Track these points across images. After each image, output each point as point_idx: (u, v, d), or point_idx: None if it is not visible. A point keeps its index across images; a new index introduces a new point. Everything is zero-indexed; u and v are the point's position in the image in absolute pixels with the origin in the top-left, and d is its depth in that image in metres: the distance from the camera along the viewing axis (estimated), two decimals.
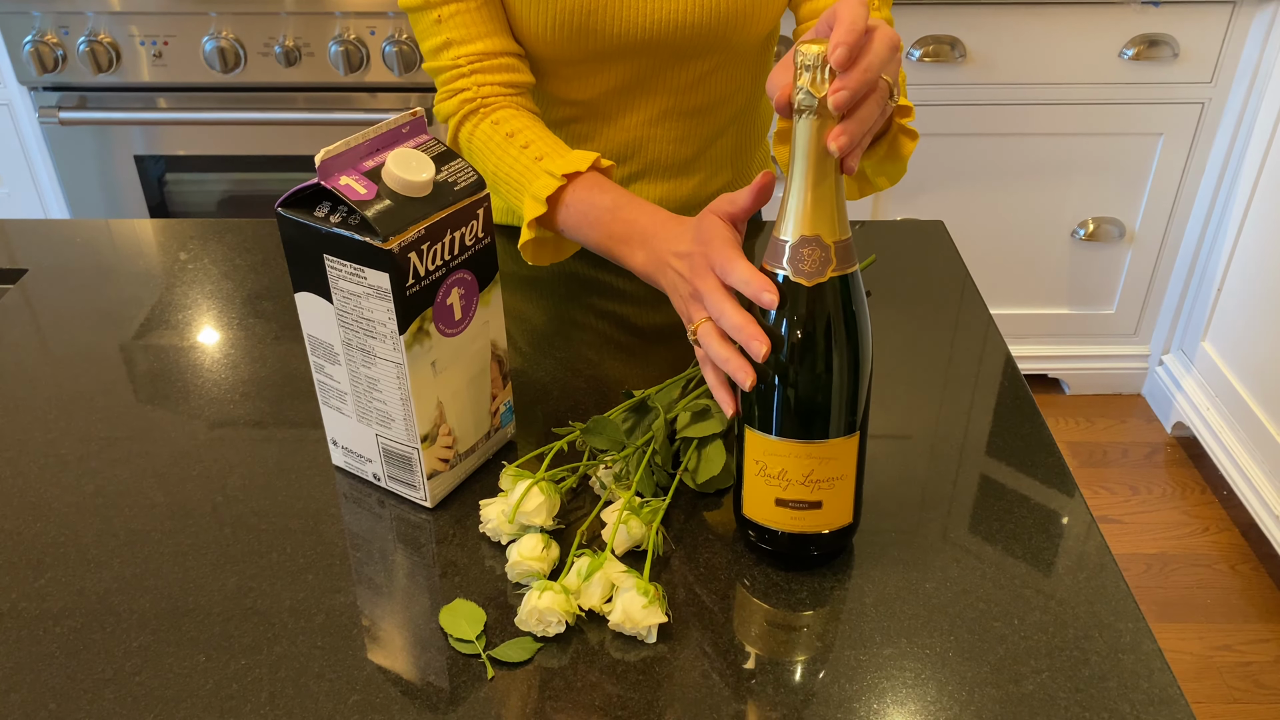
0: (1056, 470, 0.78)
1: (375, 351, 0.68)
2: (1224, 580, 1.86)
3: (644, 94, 1.01)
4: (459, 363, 0.72)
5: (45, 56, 1.80)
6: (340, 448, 0.77)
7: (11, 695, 0.62)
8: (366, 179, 0.65)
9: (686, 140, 1.05)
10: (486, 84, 0.94)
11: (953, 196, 2.03)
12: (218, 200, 2.03)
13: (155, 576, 0.70)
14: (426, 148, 0.69)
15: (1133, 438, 2.19)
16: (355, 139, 0.65)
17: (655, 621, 0.64)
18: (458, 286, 0.69)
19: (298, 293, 0.70)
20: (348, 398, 0.73)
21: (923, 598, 0.68)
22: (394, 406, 0.70)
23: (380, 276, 0.64)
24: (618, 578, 0.65)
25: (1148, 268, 2.12)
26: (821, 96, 0.58)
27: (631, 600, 0.64)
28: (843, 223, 0.62)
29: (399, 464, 0.73)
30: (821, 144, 0.59)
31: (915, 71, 1.89)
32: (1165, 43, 1.85)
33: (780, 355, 0.64)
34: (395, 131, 0.68)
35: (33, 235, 1.11)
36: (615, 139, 1.04)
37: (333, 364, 0.72)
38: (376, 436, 0.73)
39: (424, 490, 0.73)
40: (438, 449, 0.72)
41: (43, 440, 0.82)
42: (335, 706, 0.61)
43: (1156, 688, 0.62)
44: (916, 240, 1.09)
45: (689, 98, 1.02)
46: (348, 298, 0.67)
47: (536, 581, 0.65)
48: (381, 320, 0.66)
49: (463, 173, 0.69)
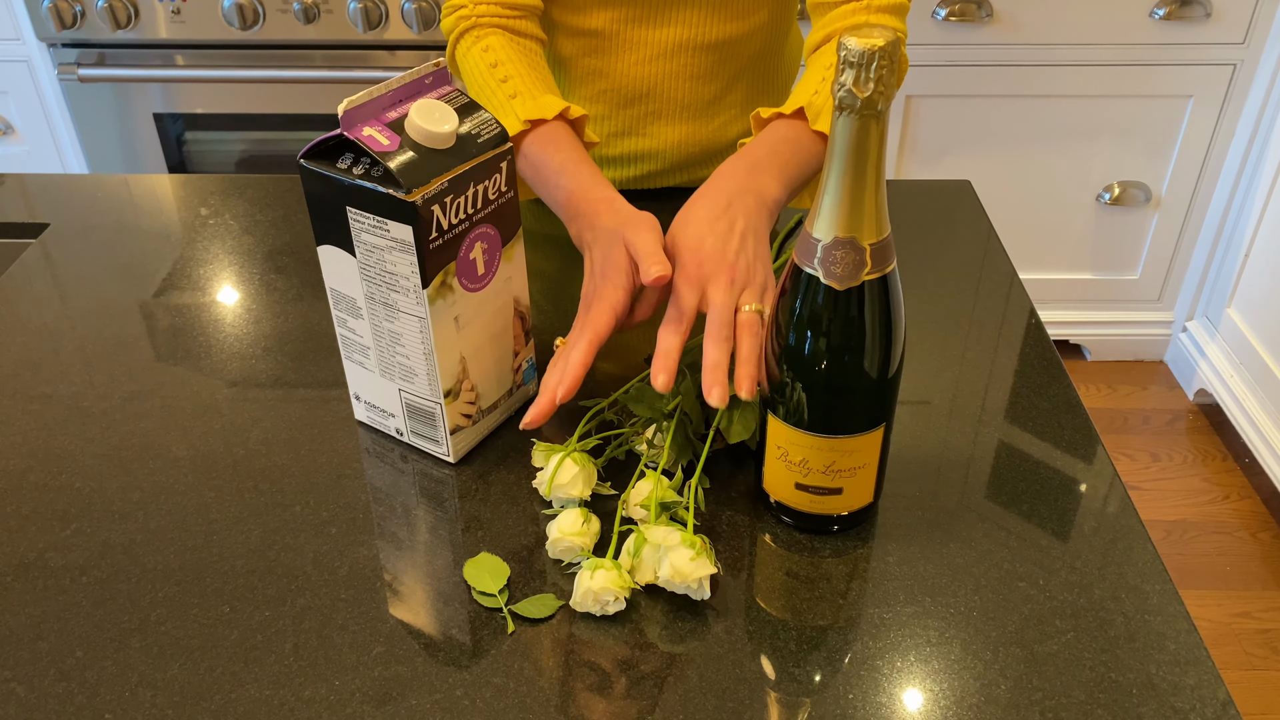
0: (1082, 431, 0.77)
1: (398, 305, 0.68)
2: (1244, 548, 1.85)
3: (656, 24, 0.99)
4: (482, 318, 0.71)
5: (64, 12, 1.79)
6: (363, 402, 0.77)
7: (39, 643, 0.62)
8: (390, 130, 0.64)
9: (704, 79, 1.03)
10: (484, 3, 0.93)
11: (976, 159, 2.01)
12: (236, 160, 2.02)
13: (179, 529, 0.70)
14: (450, 99, 0.68)
15: (1155, 404, 2.17)
16: (377, 90, 0.65)
17: (705, 574, 0.62)
18: (481, 241, 0.69)
19: (320, 246, 0.70)
20: (370, 352, 0.72)
21: (946, 558, 0.67)
22: (417, 361, 0.70)
23: (403, 229, 0.64)
24: (661, 537, 0.63)
25: (1173, 233, 2.09)
26: (865, 96, 0.54)
27: (679, 555, 0.62)
28: (880, 222, 0.59)
29: (422, 419, 0.73)
30: (861, 143, 0.56)
31: (941, 31, 1.86)
32: (1197, 2, 1.82)
33: (806, 355, 0.62)
34: (418, 83, 0.67)
35: (54, 190, 1.11)
36: (628, 74, 1.02)
37: (355, 318, 0.72)
38: (399, 391, 0.73)
39: (447, 445, 0.73)
40: (461, 404, 0.72)
41: (66, 394, 0.82)
42: (359, 658, 0.61)
43: (1183, 649, 0.61)
44: (943, 200, 1.08)
45: (704, 29, 0.99)
46: (370, 251, 0.67)
47: (585, 560, 0.63)
48: (404, 274, 0.66)
49: (486, 125, 0.68)
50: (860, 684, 0.60)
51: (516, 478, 0.73)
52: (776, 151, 0.82)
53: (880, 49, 0.53)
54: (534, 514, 0.71)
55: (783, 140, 0.83)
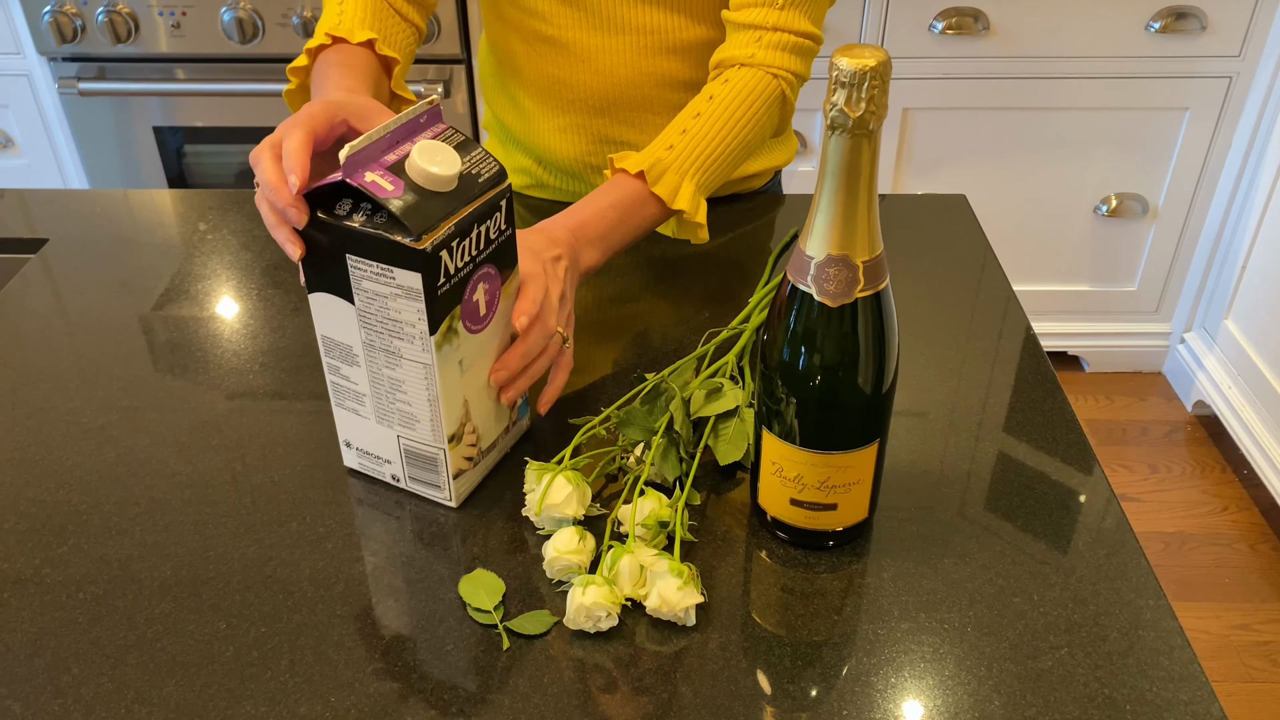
0: (1077, 446, 0.78)
1: (402, 353, 0.66)
2: (1243, 560, 1.85)
3: (617, 30, 0.97)
4: (483, 358, 0.70)
5: (64, 27, 1.80)
6: (354, 449, 0.75)
7: (35, 660, 0.62)
8: (391, 174, 0.62)
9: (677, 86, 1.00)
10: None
11: (973, 171, 2.01)
12: (235, 172, 2.03)
13: (176, 544, 0.70)
14: (446, 137, 0.66)
15: (1152, 416, 2.17)
16: (375, 133, 0.63)
17: (692, 602, 0.63)
18: (483, 281, 0.67)
19: (313, 293, 0.67)
20: (366, 399, 0.70)
21: (941, 573, 0.67)
22: (420, 408, 0.68)
23: (411, 277, 0.62)
24: (649, 561, 0.64)
25: (1170, 244, 2.09)
26: (856, 115, 0.54)
27: (666, 584, 0.63)
28: (873, 239, 0.59)
29: (423, 465, 0.71)
30: (853, 162, 0.56)
31: (937, 44, 1.86)
32: (1193, 15, 1.82)
33: (800, 372, 0.62)
34: (413, 122, 0.65)
35: (53, 205, 1.11)
36: (591, 83, 1.00)
37: (350, 365, 0.69)
38: (398, 438, 0.71)
39: (449, 490, 0.72)
40: (463, 448, 0.71)
41: (64, 409, 0.82)
42: (354, 674, 0.61)
43: (1177, 665, 0.61)
44: (939, 214, 1.08)
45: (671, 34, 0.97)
46: (372, 299, 0.65)
47: (577, 577, 0.64)
48: (410, 321, 0.64)
49: (484, 163, 0.66)
50: (855, 700, 0.60)
51: (514, 495, 0.74)
52: (605, 217, 0.84)
53: (872, 69, 0.53)
54: (530, 532, 0.71)
55: (614, 205, 0.85)
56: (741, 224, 1.06)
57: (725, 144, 0.88)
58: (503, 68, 1.07)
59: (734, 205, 1.09)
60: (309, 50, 0.88)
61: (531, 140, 1.08)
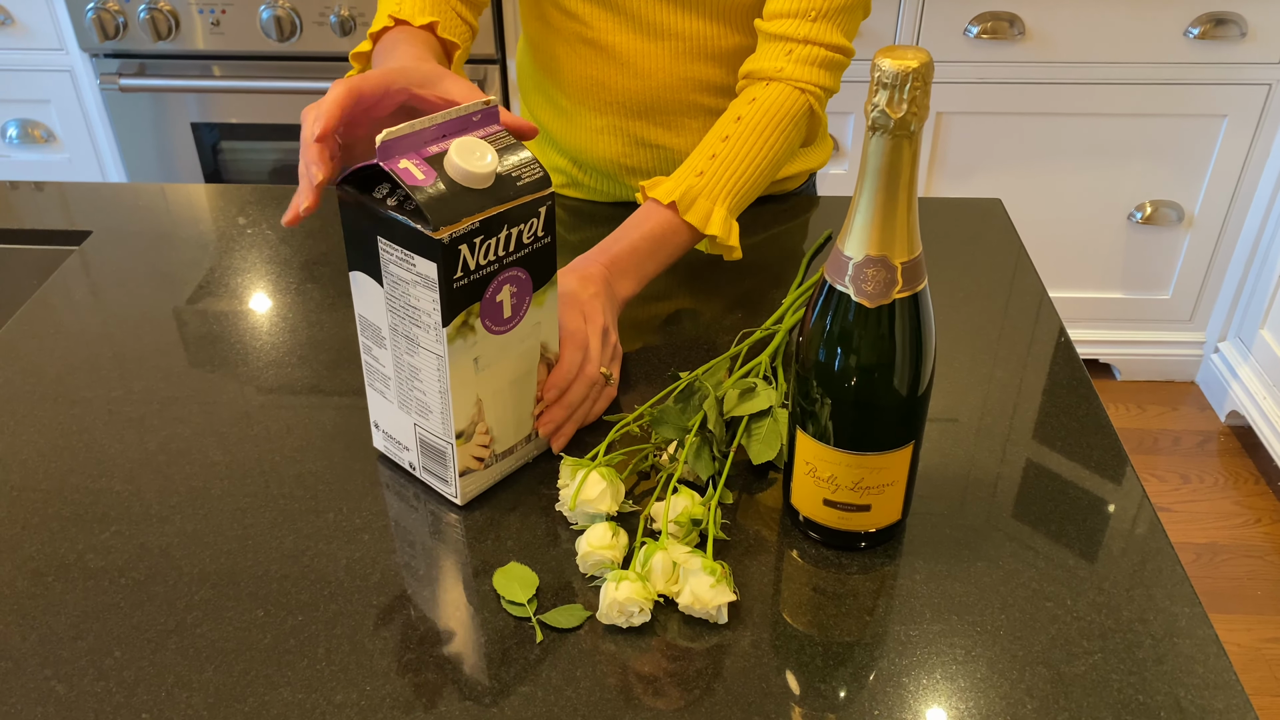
0: (1111, 451, 0.77)
1: (419, 340, 0.67)
2: (1275, 572, 1.83)
3: (658, 35, 0.98)
4: (503, 361, 0.70)
5: (107, 24, 1.83)
6: (381, 431, 0.76)
7: (79, 642, 0.64)
8: (427, 164, 0.63)
9: (716, 90, 1.01)
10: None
11: (1007, 176, 2.00)
12: (270, 169, 2.05)
13: (215, 533, 0.71)
14: (494, 138, 0.67)
15: (1185, 425, 2.15)
16: (422, 122, 0.63)
17: (724, 600, 0.63)
18: (510, 284, 0.67)
19: (352, 271, 0.69)
20: (391, 383, 0.72)
21: (974, 576, 0.67)
22: (432, 398, 0.69)
23: (428, 265, 0.63)
24: (682, 558, 0.64)
25: (1206, 253, 2.07)
26: (898, 116, 0.54)
27: (699, 581, 0.63)
28: (912, 241, 0.59)
29: (433, 457, 0.72)
30: (894, 163, 0.56)
31: (972, 49, 1.86)
32: (1233, 21, 1.81)
33: (836, 372, 0.62)
34: (465, 119, 0.66)
35: (94, 199, 1.13)
36: (631, 86, 1.01)
37: (379, 347, 0.71)
38: (414, 425, 0.72)
39: (455, 487, 0.72)
40: (473, 447, 0.71)
41: (105, 399, 0.84)
42: (389, 664, 0.62)
43: (1212, 673, 0.61)
44: (973, 218, 1.08)
45: (710, 41, 0.98)
46: (396, 283, 0.66)
47: (610, 572, 0.64)
48: (426, 310, 0.65)
49: (528, 168, 0.66)
50: (886, 700, 0.60)
51: (548, 490, 0.74)
52: (637, 249, 0.85)
53: (914, 70, 0.53)
54: (563, 527, 0.71)
55: (646, 237, 0.85)
56: (775, 225, 1.06)
57: (755, 165, 0.89)
58: (541, 68, 1.07)
59: (768, 207, 1.09)
60: (372, 35, 0.89)
61: (568, 140, 1.08)
